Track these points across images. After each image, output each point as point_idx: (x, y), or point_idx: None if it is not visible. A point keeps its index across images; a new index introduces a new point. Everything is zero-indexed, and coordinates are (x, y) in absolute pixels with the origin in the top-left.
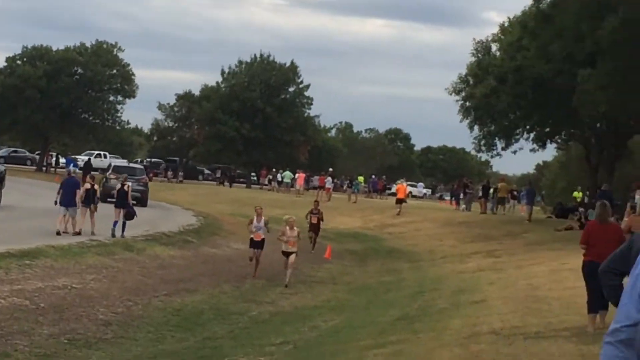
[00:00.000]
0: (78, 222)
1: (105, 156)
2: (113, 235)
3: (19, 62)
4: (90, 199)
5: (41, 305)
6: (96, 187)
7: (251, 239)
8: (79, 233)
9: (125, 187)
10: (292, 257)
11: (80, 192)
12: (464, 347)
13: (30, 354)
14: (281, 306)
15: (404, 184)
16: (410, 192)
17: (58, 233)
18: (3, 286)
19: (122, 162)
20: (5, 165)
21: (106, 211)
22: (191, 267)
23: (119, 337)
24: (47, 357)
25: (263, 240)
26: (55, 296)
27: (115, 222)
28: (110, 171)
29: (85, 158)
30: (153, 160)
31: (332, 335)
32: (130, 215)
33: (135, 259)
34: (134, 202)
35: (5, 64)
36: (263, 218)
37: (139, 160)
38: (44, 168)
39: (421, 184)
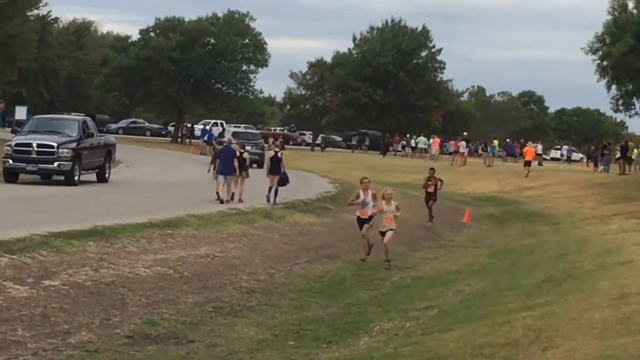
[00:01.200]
0: (232, 190)
1: (222, 125)
2: (268, 201)
3: (152, 34)
4: (241, 167)
5: (185, 274)
6: (245, 155)
7: (358, 217)
8: (232, 199)
9: (279, 154)
10: (389, 234)
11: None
12: (615, 309)
13: (177, 322)
14: (423, 271)
15: (533, 147)
16: (567, 157)
17: (221, 201)
18: (147, 255)
19: (240, 129)
20: (125, 135)
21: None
22: (330, 234)
23: (263, 305)
24: (194, 325)
25: (371, 217)
26: (198, 265)
27: (270, 188)
28: (227, 137)
29: (201, 127)
30: (363, 131)
31: (478, 298)
32: (283, 182)
33: (275, 226)
34: (255, 165)
35: (139, 36)
36: (371, 192)
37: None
38: (179, 139)
39: (565, 146)
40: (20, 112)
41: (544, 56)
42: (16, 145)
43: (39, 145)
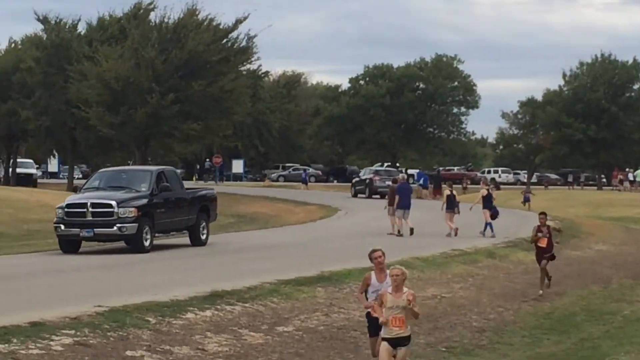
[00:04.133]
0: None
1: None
2: (492, 236)
3: (362, 82)
4: (452, 204)
5: None
6: (455, 192)
7: (368, 315)
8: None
9: (490, 191)
10: (401, 354)
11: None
12: None
13: None
14: None
15: None
16: None
17: (400, 235)
18: None
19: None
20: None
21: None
22: (555, 271)
23: (495, 343)
24: None
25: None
26: (427, 306)
27: (486, 224)
28: (373, 175)
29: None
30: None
31: None
32: (494, 216)
33: (499, 265)
34: None
35: (349, 85)
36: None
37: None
38: None
39: None
40: (237, 166)
41: None
42: (68, 206)
43: (93, 205)
